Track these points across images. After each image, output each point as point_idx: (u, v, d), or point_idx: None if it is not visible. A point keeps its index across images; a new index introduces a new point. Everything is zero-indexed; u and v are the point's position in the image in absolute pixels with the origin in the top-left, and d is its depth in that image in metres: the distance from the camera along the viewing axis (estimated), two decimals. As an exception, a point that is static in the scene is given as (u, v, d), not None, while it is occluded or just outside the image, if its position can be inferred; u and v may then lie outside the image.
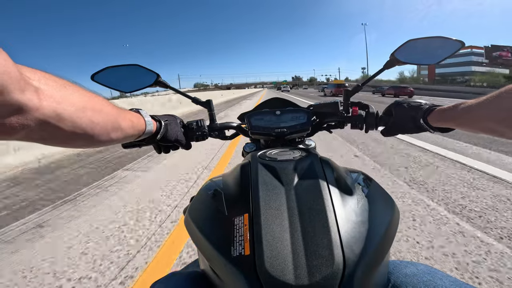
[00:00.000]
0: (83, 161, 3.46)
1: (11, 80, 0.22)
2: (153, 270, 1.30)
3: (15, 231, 1.74)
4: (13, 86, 0.22)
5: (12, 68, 0.22)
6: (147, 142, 0.53)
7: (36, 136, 0.28)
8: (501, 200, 1.88)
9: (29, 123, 0.25)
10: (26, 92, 0.24)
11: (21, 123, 0.25)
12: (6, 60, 0.22)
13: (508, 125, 0.36)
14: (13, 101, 0.23)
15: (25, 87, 0.24)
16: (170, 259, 1.38)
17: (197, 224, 0.42)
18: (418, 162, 2.84)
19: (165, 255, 1.41)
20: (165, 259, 1.39)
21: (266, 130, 0.67)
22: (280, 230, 0.35)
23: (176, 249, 1.46)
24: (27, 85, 0.24)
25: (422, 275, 0.40)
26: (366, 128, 0.66)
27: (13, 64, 0.23)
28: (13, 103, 0.23)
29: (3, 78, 0.21)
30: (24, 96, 0.24)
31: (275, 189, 0.41)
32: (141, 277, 1.26)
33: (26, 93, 0.24)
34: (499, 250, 1.35)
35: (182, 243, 1.50)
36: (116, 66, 0.63)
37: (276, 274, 0.30)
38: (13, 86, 0.22)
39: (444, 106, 0.50)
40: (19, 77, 0.23)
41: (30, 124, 0.25)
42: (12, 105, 0.23)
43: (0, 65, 0.21)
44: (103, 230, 1.69)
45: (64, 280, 1.27)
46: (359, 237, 0.35)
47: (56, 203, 2.16)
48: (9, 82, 0.22)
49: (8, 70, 0.22)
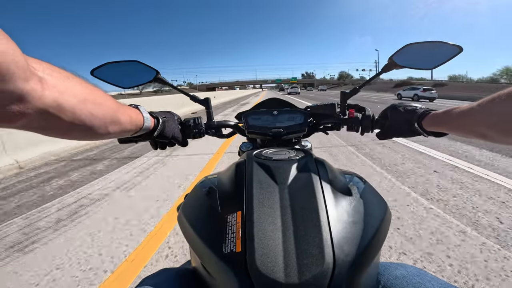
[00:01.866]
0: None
1: (18, 69, 0.23)
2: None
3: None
4: (18, 75, 0.23)
5: (20, 57, 0.23)
6: (144, 138, 0.54)
7: (36, 125, 0.28)
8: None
9: (30, 111, 0.26)
10: (30, 81, 0.24)
11: (22, 112, 0.25)
12: (14, 50, 0.22)
13: (499, 130, 0.36)
14: (17, 89, 0.23)
15: (30, 76, 0.24)
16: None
17: (190, 221, 0.42)
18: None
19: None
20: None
21: (263, 129, 0.68)
22: (272, 229, 0.35)
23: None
24: (32, 75, 0.25)
25: (412, 277, 0.41)
26: (362, 130, 0.66)
27: (21, 53, 0.23)
28: (17, 91, 0.23)
29: (10, 66, 0.22)
30: (27, 85, 0.24)
31: (269, 188, 0.41)
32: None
33: (30, 82, 0.25)
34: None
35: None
36: (116, 62, 0.63)
37: (267, 272, 0.30)
38: (19, 74, 0.23)
39: (438, 111, 0.50)
40: (26, 66, 0.24)
41: (31, 113, 0.26)
42: (15, 93, 0.23)
43: (9, 54, 0.22)
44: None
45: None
46: (350, 237, 0.35)
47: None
48: (15, 70, 0.22)
49: (16, 60, 0.22)
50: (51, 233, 1.77)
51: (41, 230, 1.81)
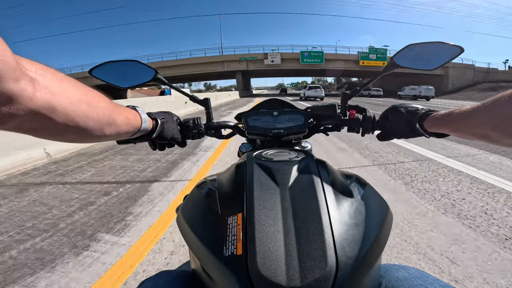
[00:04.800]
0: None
1: (6, 69, 0.22)
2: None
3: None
4: (7, 75, 0.22)
5: (9, 57, 0.22)
6: (142, 139, 0.53)
7: (28, 126, 0.27)
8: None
9: (21, 113, 0.25)
10: (20, 82, 0.24)
11: (12, 113, 0.24)
12: (4, 49, 0.22)
13: (501, 131, 0.35)
14: (6, 90, 0.23)
15: (20, 77, 0.24)
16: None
17: (189, 223, 0.42)
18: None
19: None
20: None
21: (263, 130, 0.67)
22: (274, 231, 0.34)
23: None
24: (22, 75, 0.24)
25: (414, 279, 0.41)
26: (362, 131, 0.66)
27: (11, 54, 0.23)
28: (6, 92, 0.23)
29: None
30: (18, 86, 0.24)
31: (270, 190, 0.41)
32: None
33: (21, 82, 0.24)
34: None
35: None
36: (115, 61, 0.63)
37: (268, 274, 0.30)
38: (8, 75, 0.22)
39: (440, 112, 0.50)
40: (15, 67, 0.23)
41: (22, 114, 0.25)
42: (4, 94, 0.23)
43: None
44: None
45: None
46: (353, 239, 0.35)
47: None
48: (4, 71, 0.22)
49: (5, 59, 0.22)
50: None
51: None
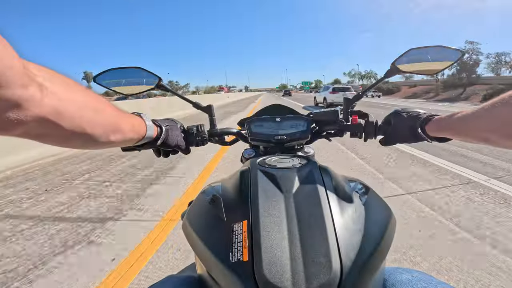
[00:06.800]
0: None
1: (13, 75, 0.22)
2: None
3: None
4: (15, 81, 0.22)
5: (17, 63, 0.22)
6: (147, 146, 0.53)
7: (35, 133, 0.27)
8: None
9: (29, 119, 0.25)
10: (29, 88, 0.24)
11: (20, 119, 0.24)
12: (11, 54, 0.21)
13: (502, 134, 0.35)
14: (14, 96, 0.22)
15: (28, 82, 0.23)
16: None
17: (195, 229, 0.42)
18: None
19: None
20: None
21: (266, 137, 0.67)
22: (279, 237, 0.35)
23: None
24: (30, 81, 0.24)
25: (417, 282, 0.41)
26: (365, 137, 0.66)
27: (19, 59, 0.22)
28: (13, 98, 0.22)
29: (6, 72, 0.21)
30: (26, 92, 0.23)
31: (274, 197, 0.41)
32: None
33: (29, 88, 0.24)
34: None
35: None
36: (118, 68, 0.63)
37: (274, 280, 0.30)
38: (16, 81, 0.22)
39: (442, 116, 0.50)
40: (23, 72, 0.23)
41: (30, 120, 0.25)
42: (12, 100, 0.22)
43: (5, 59, 0.21)
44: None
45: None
46: (357, 245, 0.35)
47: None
48: (11, 77, 0.21)
49: (12, 65, 0.21)
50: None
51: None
